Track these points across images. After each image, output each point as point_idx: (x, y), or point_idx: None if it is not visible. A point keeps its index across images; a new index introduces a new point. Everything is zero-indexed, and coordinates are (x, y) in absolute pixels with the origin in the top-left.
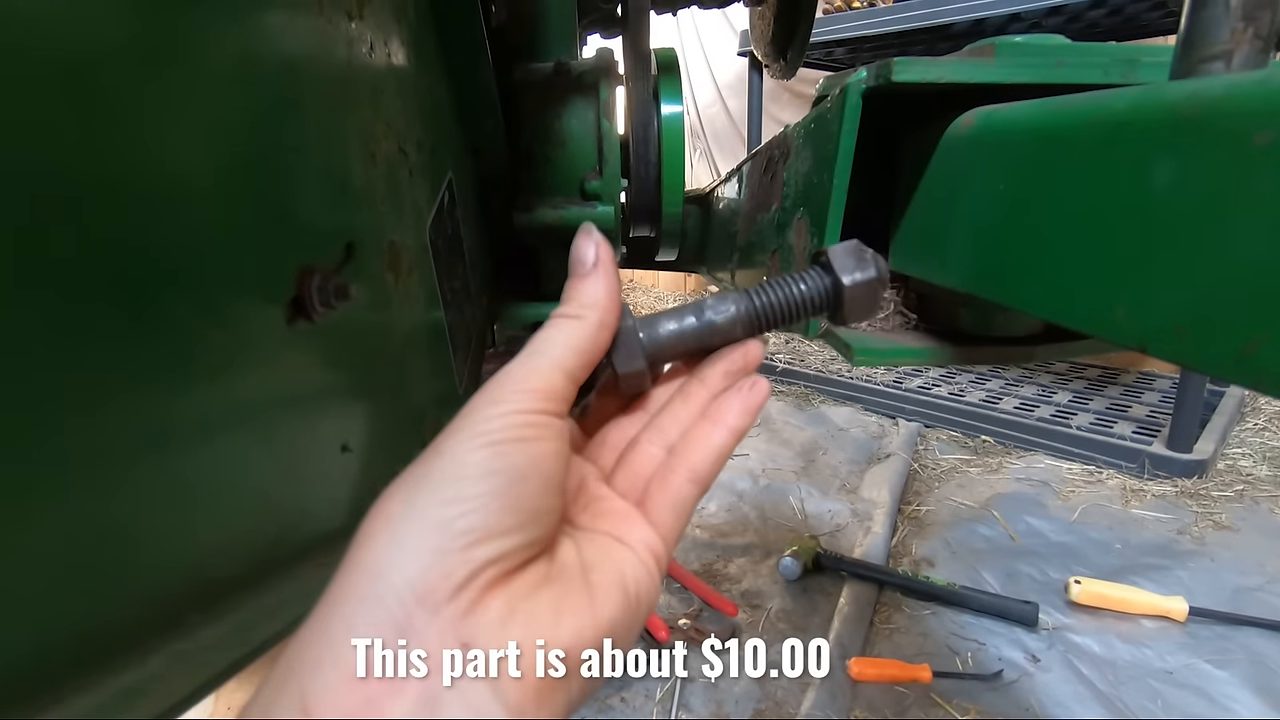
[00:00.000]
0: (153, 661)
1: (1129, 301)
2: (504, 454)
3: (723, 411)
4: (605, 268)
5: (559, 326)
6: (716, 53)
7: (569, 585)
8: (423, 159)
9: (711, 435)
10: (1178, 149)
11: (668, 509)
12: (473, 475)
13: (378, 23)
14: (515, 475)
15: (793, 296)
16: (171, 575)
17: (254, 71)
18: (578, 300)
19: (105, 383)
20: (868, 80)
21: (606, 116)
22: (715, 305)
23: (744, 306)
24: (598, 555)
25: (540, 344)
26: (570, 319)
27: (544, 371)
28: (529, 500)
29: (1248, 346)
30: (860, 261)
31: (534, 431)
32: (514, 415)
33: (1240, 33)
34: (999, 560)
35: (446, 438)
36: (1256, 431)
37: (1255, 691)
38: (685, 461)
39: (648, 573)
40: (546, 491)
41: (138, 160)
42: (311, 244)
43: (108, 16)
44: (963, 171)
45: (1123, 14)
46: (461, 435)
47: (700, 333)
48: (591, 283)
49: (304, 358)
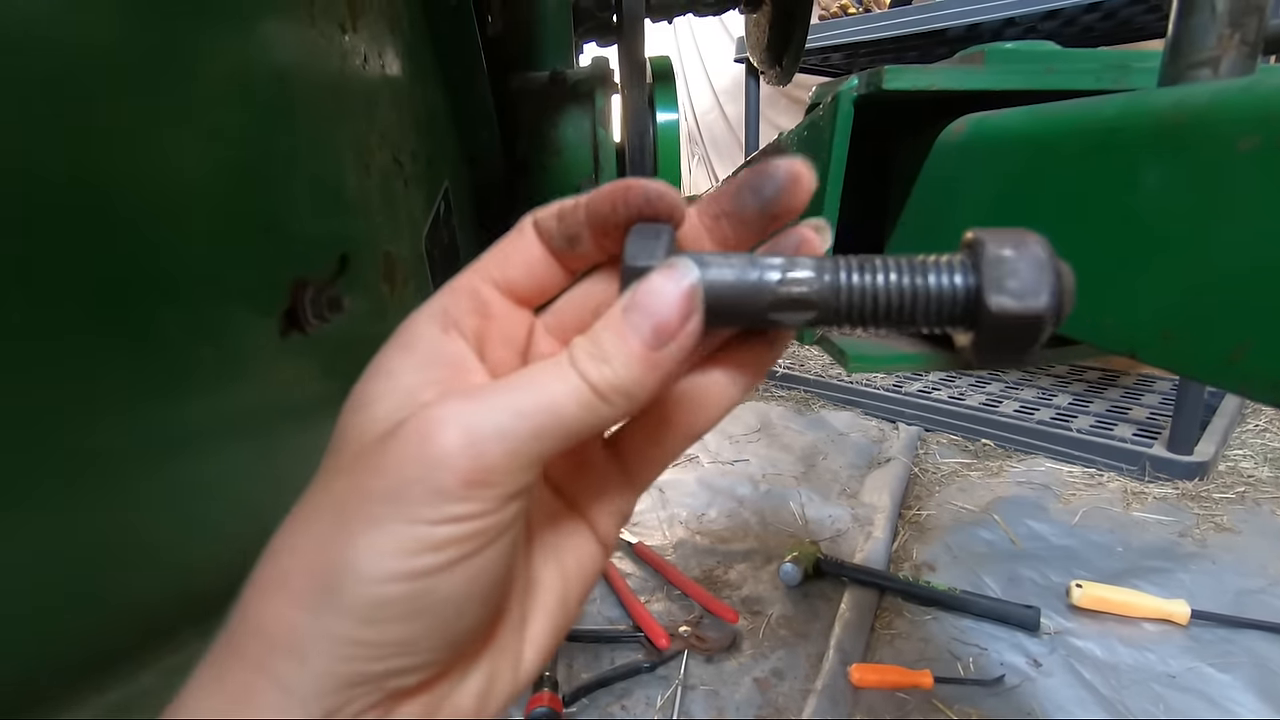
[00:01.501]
0: (143, 677)
1: (1118, 307)
2: (433, 589)
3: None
4: (678, 351)
5: (562, 382)
6: (714, 59)
7: (498, 657)
8: (418, 169)
9: (725, 387)
10: (1164, 155)
11: (656, 467)
12: (392, 615)
13: (372, 35)
14: (451, 613)
15: (904, 288)
16: (165, 589)
17: (245, 84)
18: (618, 375)
19: (95, 396)
20: (859, 88)
21: (602, 125)
22: (786, 266)
23: (830, 280)
24: (547, 564)
25: (524, 398)
26: (588, 391)
27: (519, 450)
28: (467, 628)
29: (1235, 351)
30: (1032, 269)
31: (479, 541)
32: (458, 525)
33: (1227, 39)
34: (1000, 564)
35: (351, 536)
36: (1258, 433)
37: (1259, 695)
38: (689, 417)
39: (595, 566)
40: (489, 608)
41: (128, 172)
42: (305, 256)
43: (100, 28)
44: (954, 178)
45: (1117, 18)
46: (377, 543)
47: (757, 299)
48: (652, 365)
49: (298, 369)
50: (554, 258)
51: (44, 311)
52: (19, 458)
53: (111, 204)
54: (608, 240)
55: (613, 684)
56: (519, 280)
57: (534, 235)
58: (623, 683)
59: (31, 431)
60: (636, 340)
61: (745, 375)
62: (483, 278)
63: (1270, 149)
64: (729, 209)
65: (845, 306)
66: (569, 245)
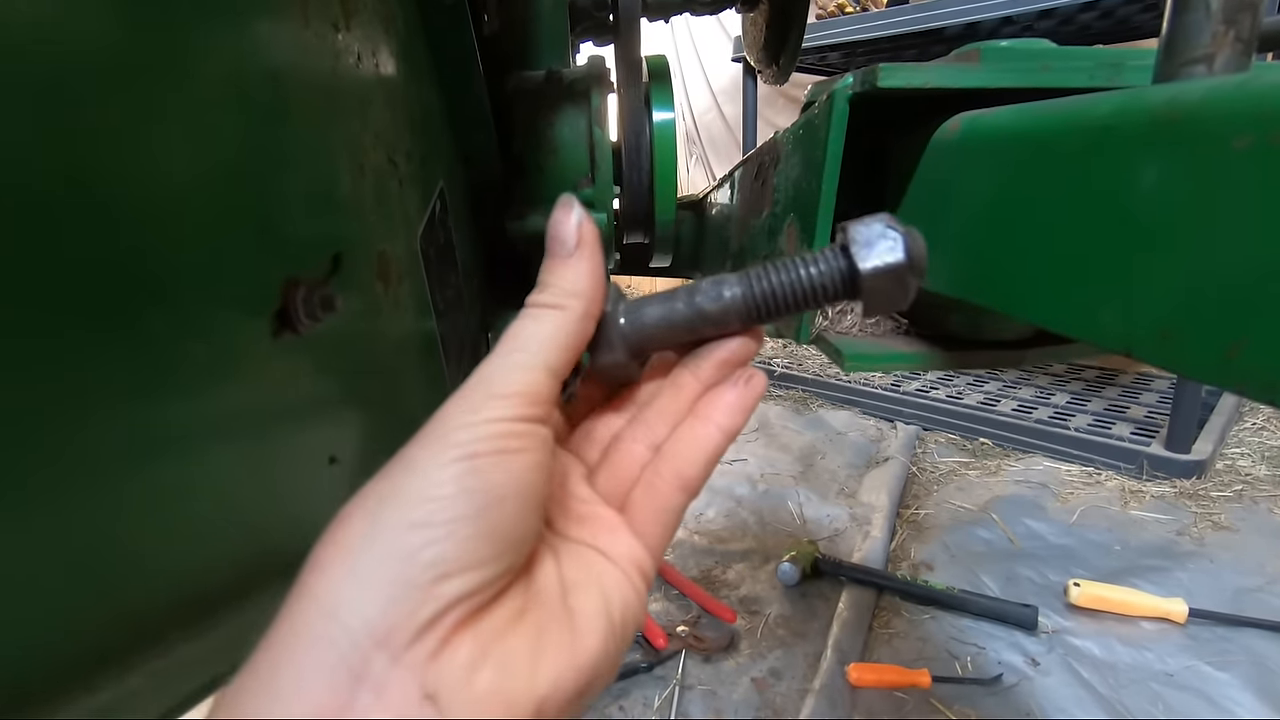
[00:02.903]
0: (130, 679)
1: (1114, 305)
2: (481, 470)
3: (713, 409)
4: (589, 249)
5: (538, 318)
6: (712, 58)
7: (547, 619)
8: (413, 169)
9: (701, 436)
10: (1159, 153)
11: (655, 519)
12: (444, 496)
13: (366, 34)
14: (493, 497)
15: (799, 282)
16: (153, 592)
17: (237, 83)
18: (558, 287)
19: (83, 397)
20: (854, 86)
21: (599, 124)
22: (709, 290)
23: (741, 292)
24: (580, 573)
25: (519, 340)
26: (551, 310)
27: (525, 371)
28: (507, 526)
29: (1231, 350)
30: (885, 240)
31: (515, 443)
32: (493, 424)
33: (1221, 36)
34: (998, 563)
35: (416, 448)
36: (1255, 431)
37: (1256, 693)
38: (672, 466)
39: (635, 593)
40: (526, 513)
41: (117, 171)
42: (297, 256)
43: (89, 28)
44: (949, 176)
45: (1114, 16)
46: (433, 447)
47: (691, 321)
48: (574, 267)
49: (290, 370)
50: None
51: (28, 311)
52: (1, 458)
53: (98, 203)
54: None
55: (609, 684)
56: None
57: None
58: (620, 683)
59: (15, 431)
60: (557, 255)
61: (724, 423)
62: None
63: (1264, 146)
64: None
65: (761, 310)
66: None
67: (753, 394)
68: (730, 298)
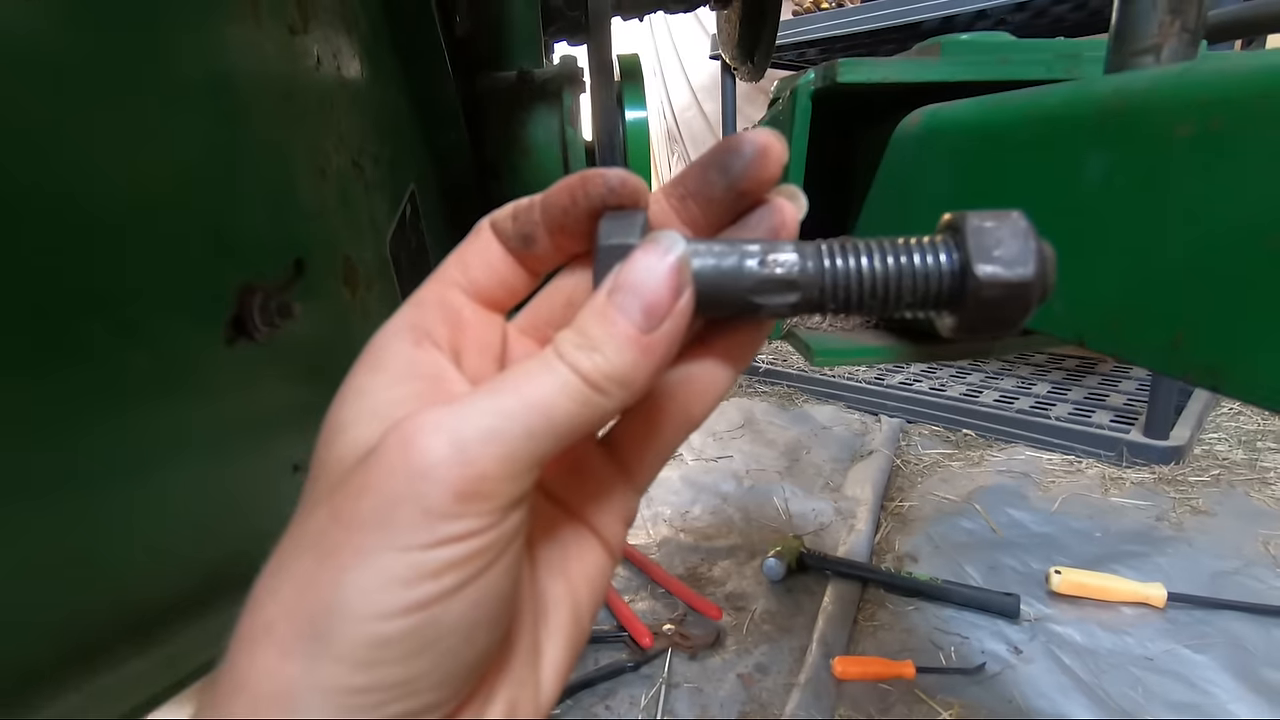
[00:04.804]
0: (71, 698)
1: (1066, 295)
2: (436, 620)
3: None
4: (678, 327)
5: (550, 375)
6: (691, 56)
7: (516, 681)
8: (380, 173)
9: (715, 374)
10: (1106, 142)
11: (655, 462)
12: (392, 655)
13: (325, 36)
14: (457, 644)
15: (894, 270)
16: (98, 607)
17: (185, 86)
18: (612, 368)
19: (25, 411)
20: (815, 82)
21: (571, 124)
22: (769, 250)
23: (812, 266)
24: (553, 579)
25: (510, 398)
26: (584, 385)
27: (512, 453)
28: (476, 659)
29: (1176, 338)
30: (1015, 243)
31: (481, 561)
32: (455, 545)
33: (1168, 26)
34: (981, 553)
35: (337, 572)
36: (1231, 415)
37: (1234, 675)
38: (683, 407)
39: (605, 574)
40: (497, 634)
41: (56, 174)
42: (254, 262)
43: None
44: (912, 169)
45: (1088, 8)
46: (367, 577)
47: (741, 288)
48: (649, 353)
49: (248, 378)
50: (515, 259)
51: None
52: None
53: (33, 208)
54: (565, 238)
55: (596, 684)
56: (484, 284)
57: (491, 236)
58: (606, 683)
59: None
60: (626, 323)
61: (735, 357)
62: (448, 285)
63: (1205, 133)
64: (696, 189)
65: (830, 289)
66: (525, 244)
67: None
68: (808, 265)
